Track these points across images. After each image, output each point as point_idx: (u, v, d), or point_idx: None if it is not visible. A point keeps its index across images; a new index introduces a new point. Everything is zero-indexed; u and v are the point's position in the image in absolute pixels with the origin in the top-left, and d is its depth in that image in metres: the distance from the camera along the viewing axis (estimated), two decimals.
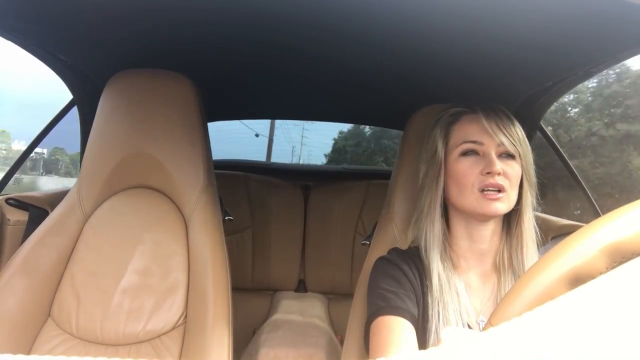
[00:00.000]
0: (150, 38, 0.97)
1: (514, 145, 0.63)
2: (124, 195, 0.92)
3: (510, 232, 0.67)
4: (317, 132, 11.19)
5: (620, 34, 0.72)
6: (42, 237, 0.85)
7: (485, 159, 0.63)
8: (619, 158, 7.75)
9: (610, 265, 0.26)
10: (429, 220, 0.67)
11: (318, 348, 1.19)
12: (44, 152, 8.90)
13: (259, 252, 1.59)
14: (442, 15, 0.75)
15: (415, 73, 1.10)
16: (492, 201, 0.61)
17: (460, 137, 0.66)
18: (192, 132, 0.92)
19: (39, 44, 0.98)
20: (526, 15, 0.70)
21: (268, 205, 1.60)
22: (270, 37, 0.94)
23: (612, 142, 7.86)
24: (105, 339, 0.81)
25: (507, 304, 0.30)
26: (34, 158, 8.10)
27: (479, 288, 0.66)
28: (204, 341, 0.77)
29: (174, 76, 0.93)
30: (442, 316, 0.61)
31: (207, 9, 0.81)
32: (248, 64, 1.14)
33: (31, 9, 0.81)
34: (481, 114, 0.64)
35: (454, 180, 0.65)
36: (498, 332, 0.18)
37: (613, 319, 0.18)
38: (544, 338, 0.17)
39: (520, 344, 0.17)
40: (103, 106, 0.92)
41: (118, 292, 0.83)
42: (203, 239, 0.88)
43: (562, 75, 0.96)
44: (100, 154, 0.92)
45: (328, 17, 0.80)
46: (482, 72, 1.01)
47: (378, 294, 0.63)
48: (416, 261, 0.68)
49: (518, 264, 0.65)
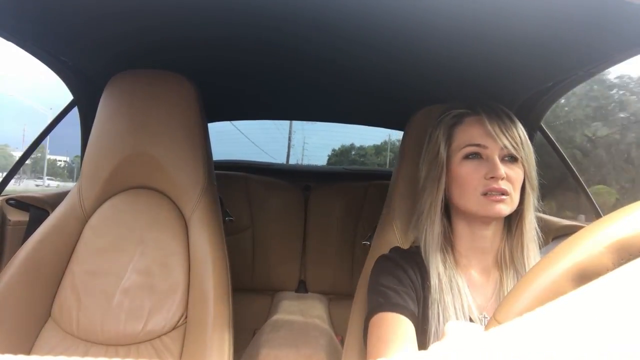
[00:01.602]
0: (150, 39, 0.97)
1: (516, 148, 0.62)
2: (125, 196, 0.92)
3: (511, 233, 0.67)
4: (316, 132, 11.27)
5: (620, 34, 0.72)
6: (43, 237, 0.85)
7: (488, 163, 0.63)
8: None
9: (616, 263, 0.26)
10: (429, 222, 0.67)
11: (318, 348, 1.19)
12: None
13: (260, 252, 1.58)
14: (442, 17, 0.75)
15: (415, 74, 1.10)
16: (496, 203, 0.61)
17: (463, 139, 0.65)
18: (192, 133, 0.92)
19: (39, 45, 0.98)
20: (526, 15, 0.71)
21: (268, 205, 1.60)
22: (271, 38, 0.94)
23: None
24: (105, 339, 0.81)
25: (512, 299, 0.30)
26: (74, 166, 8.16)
27: (481, 285, 0.66)
28: (205, 342, 0.77)
29: (174, 77, 0.93)
30: (442, 317, 0.61)
31: (207, 10, 0.81)
32: (248, 65, 1.14)
33: (31, 9, 0.81)
34: (484, 116, 0.64)
35: (456, 183, 0.65)
36: (503, 330, 0.18)
37: (620, 316, 0.18)
38: (549, 336, 0.17)
39: (526, 342, 0.17)
40: (103, 107, 0.92)
41: (118, 293, 0.83)
42: (203, 240, 0.88)
43: (562, 75, 0.97)
44: (100, 154, 0.91)
45: (328, 17, 0.80)
46: (482, 72, 1.01)
47: (378, 291, 0.63)
48: (418, 261, 0.68)
49: (519, 261, 0.65)
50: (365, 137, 6.41)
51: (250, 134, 9.43)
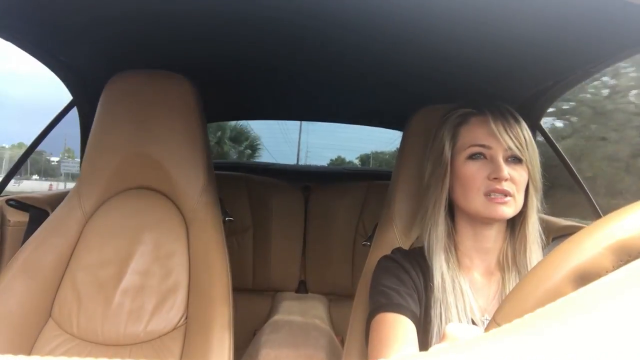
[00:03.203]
0: (150, 39, 0.97)
1: (520, 150, 0.62)
2: (124, 196, 0.92)
3: (514, 234, 0.67)
4: (316, 132, 11.24)
5: (620, 33, 0.72)
6: (43, 238, 0.85)
7: (492, 164, 0.62)
8: None
9: (616, 264, 0.26)
10: (433, 220, 0.67)
11: (319, 349, 1.19)
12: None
13: (260, 253, 1.58)
14: (442, 17, 0.75)
15: (415, 74, 1.10)
16: (499, 205, 0.61)
17: (468, 139, 0.65)
18: (192, 133, 0.92)
19: (39, 45, 0.98)
20: (526, 14, 0.70)
21: (268, 206, 1.60)
22: (271, 38, 0.94)
23: None
24: (106, 339, 0.81)
25: (512, 301, 0.30)
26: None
27: (484, 286, 0.66)
28: (205, 342, 0.77)
29: (173, 77, 0.93)
30: (444, 317, 0.61)
31: (207, 10, 0.81)
32: (248, 65, 1.14)
33: (31, 9, 0.81)
34: (490, 116, 0.64)
35: (460, 183, 0.65)
36: (502, 331, 0.18)
37: (619, 318, 0.18)
38: (549, 337, 0.17)
39: (526, 343, 0.17)
40: (103, 107, 0.92)
41: (119, 293, 0.83)
42: (203, 240, 0.88)
43: (562, 74, 0.96)
44: (100, 154, 0.91)
45: (328, 18, 0.80)
46: (482, 72, 1.01)
47: (380, 291, 0.63)
48: (420, 261, 0.68)
49: (522, 262, 0.65)
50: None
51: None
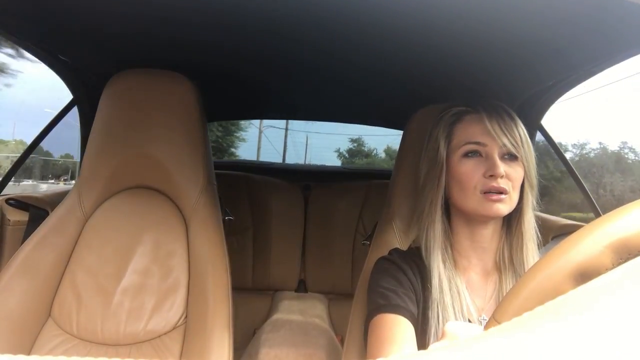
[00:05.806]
0: (150, 38, 0.97)
1: (516, 147, 0.62)
2: (124, 196, 0.92)
3: (511, 232, 0.67)
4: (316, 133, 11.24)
5: (620, 33, 0.72)
6: (43, 237, 0.85)
7: (488, 161, 0.62)
8: None
9: (616, 262, 0.26)
10: (430, 220, 0.67)
11: (318, 348, 1.19)
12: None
13: (260, 252, 1.58)
14: (442, 16, 0.75)
15: (414, 74, 1.10)
16: (494, 202, 0.61)
17: (463, 137, 0.65)
18: (192, 132, 0.92)
19: (39, 44, 0.98)
20: (526, 14, 0.70)
21: (268, 205, 1.60)
22: (271, 38, 0.94)
23: None
24: (105, 339, 0.81)
25: (511, 298, 0.30)
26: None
27: (481, 286, 0.66)
28: (205, 341, 0.77)
29: (174, 76, 0.93)
30: (442, 317, 0.61)
31: (207, 10, 0.81)
32: (248, 64, 1.14)
33: (31, 9, 0.81)
34: (484, 114, 0.64)
35: (456, 182, 0.65)
36: (502, 329, 0.18)
37: (619, 316, 0.18)
38: (548, 335, 0.17)
39: (525, 341, 0.17)
40: (103, 106, 0.92)
41: (118, 292, 0.83)
42: (203, 239, 0.88)
43: (562, 74, 0.96)
44: (100, 154, 0.91)
45: (328, 17, 0.80)
46: (482, 71, 1.01)
47: (378, 292, 0.63)
48: (417, 262, 0.68)
49: (519, 262, 0.65)
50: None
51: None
